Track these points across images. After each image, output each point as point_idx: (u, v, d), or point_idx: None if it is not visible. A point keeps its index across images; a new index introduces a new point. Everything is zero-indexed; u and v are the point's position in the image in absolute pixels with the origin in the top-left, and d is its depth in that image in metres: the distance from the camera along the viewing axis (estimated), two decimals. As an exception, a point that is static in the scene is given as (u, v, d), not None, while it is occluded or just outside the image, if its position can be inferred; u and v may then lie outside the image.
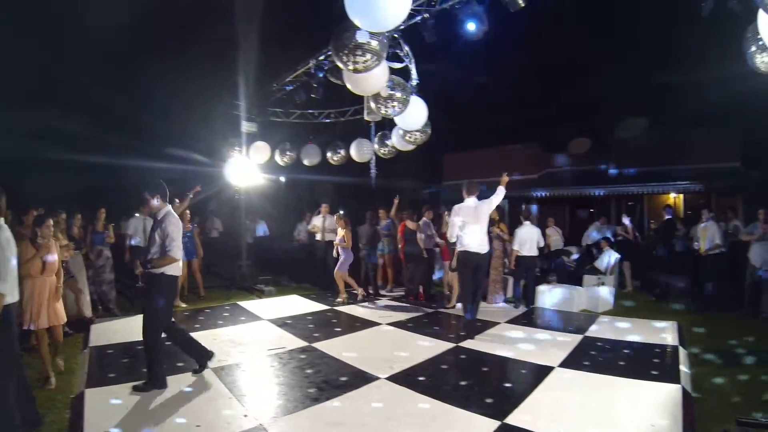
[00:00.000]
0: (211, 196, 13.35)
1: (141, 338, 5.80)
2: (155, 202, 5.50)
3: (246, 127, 12.10)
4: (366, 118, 10.47)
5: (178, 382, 5.58)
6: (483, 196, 7.92)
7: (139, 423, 4.52)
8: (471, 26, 8.03)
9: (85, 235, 9.09)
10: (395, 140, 10.66)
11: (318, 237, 11.85)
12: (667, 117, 16.58)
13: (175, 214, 5.54)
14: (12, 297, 4.04)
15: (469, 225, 7.65)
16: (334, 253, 10.60)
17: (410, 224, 10.38)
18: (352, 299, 10.49)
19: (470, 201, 7.81)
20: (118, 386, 5.44)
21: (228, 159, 12.37)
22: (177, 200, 7.57)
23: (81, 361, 6.50)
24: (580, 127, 19.13)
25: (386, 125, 11.31)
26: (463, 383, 5.54)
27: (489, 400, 4.98)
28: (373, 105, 8.61)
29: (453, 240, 7.92)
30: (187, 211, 10.06)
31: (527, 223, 10.10)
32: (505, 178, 7.90)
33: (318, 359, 6.45)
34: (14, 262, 4.06)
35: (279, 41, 12.65)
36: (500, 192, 7.74)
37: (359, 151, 12.22)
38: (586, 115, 19.30)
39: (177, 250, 5.30)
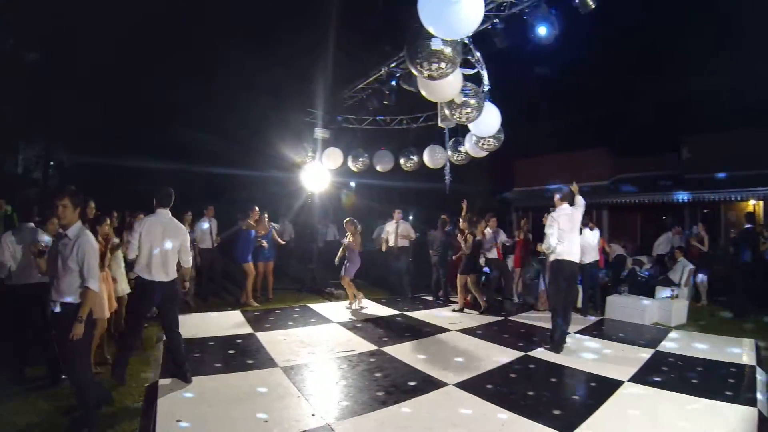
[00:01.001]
0: (284, 200, 13.69)
1: (211, 335, 6.20)
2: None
3: (319, 133, 12.31)
4: (440, 124, 10.40)
5: (248, 379, 5.73)
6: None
7: (209, 415, 4.68)
8: (542, 30, 7.87)
9: None
10: (468, 147, 10.56)
11: (390, 242, 11.91)
12: (746, 118, 15.63)
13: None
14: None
15: (566, 233, 7.39)
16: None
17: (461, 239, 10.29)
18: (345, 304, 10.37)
19: (566, 208, 7.54)
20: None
21: (301, 165, 12.63)
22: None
23: (155, 354, 6.82)
24: (652, 130, 18.41)
25: (459, 131, 11.24)
26: (530, 393, 5.39)
27: (556, 412, 4.83)
28: (447, 112, 8.57)
29: (549, 251, 7.71)
30: (266, 215, 10.42)
31: (587, 229, 9.77)
32: (575, 187, 7.69)
33: (387, 363, 6.46)
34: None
35: (351, 49, 12.85)
36: (581, 201, 7.54)
37: (432, 157, 12.17)
38: (659, 117, 18.56)
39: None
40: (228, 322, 8.61)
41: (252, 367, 6.21)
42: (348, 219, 10.48)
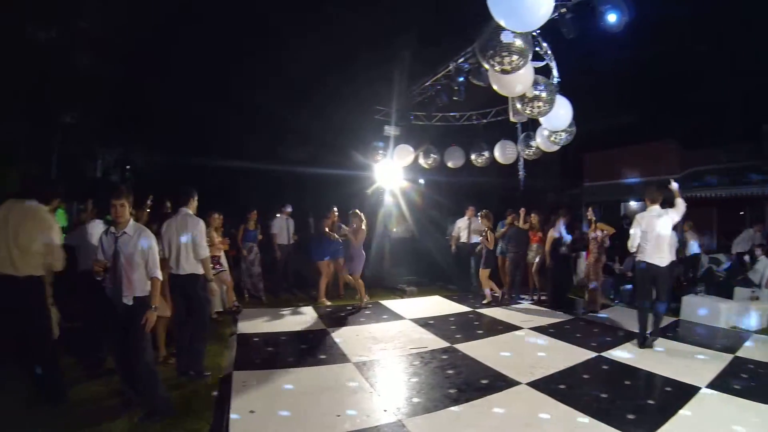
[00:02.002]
0: (356, 197, 13.80)
1: (284, 330, 6.36)
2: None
3: (389, 130, 12.35)
4: (512, 119, 10.21)
5: (320, 374, 5.85)
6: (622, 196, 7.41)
7: (281, 408, 4.78)
8: (612, 17, 7.57)
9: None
10: (540, 141, 10.32)
11: (462, 239, 11.81)
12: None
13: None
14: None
15: (650, 235, 7.13)
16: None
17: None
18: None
19: (654, 209, 7.23)
20: (262, 371, 5.85)
21: (373, 162, 12.73)
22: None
23: (228, 346, 7.04)
24: (729, 119, 17.30)
25: (530, 126, 11.01)
26: (603, 395, 5.19)
27: (630, 416, 4.62)
28: (518, 106, 8.41)
29: (633, 250, 7.45)
30: (335, 212, 10.58)
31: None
32: (674, 186, 7.25)
33: (459, 360, 6.41)
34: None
35: (418, 45, 12.81)
36: (680, 204, 7.13)
37: (503, 152, 11.97)
38: (736, 105, 17.41)
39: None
40: (301, 318, 8.80)
41: (324, 362, 6.32)
42: (353, 211, 10.25)
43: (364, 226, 9.89)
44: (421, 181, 14.12)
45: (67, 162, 16.05)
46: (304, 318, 8.83)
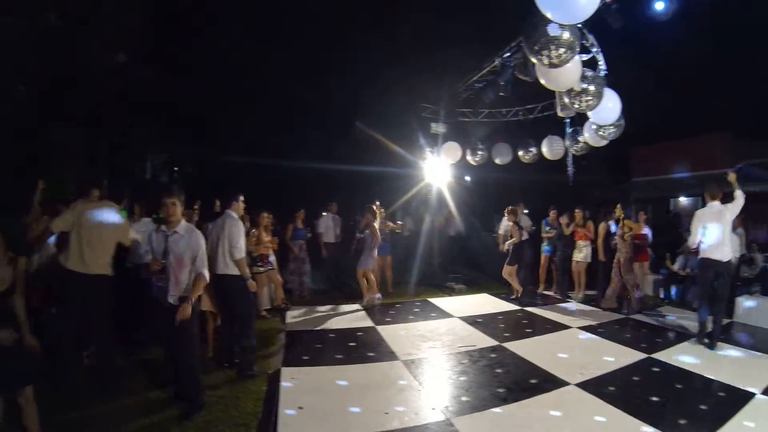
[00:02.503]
0: (404, 195, 13.82)
1: (333, 327, 6.44)
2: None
3: (436, 128, 12.32)
4: (559, 114, 10.03)
5: (369, 371, 5.90)
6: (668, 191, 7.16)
7: (329, 404, 4.88)
8: (659, 5, 7.35)
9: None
10: (588, 136, 10.10)
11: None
12: None
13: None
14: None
15: (711, 231, 6.95)
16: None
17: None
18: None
19: (714, 205, 7.07)
20: (310, 368, 5.99)
21: (420, 160, 12.73)
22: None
23: (277, 342, 7.16)
24: None
25: (577, 120, 10.80)
26: (654, 399, 5.04)
27: (682, 422, 4.50)
28: (566, 100, 8.27)
29: (693, 247, 7.26)
30: (382, 210, 10.63)
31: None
32: (733, 177, 7.03)
33: (508, 359, 6.38)
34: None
35: (463, 41, 12.73)
36: (739, 196, 6.91)
37: (551, 148, 11.79)
38: None
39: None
40: (349, 316, 8.91)
41: (373, 359, 6.37)
42: (368, 206, 10.22)
43: (377, 223, 9.86)
44: (467, 178, 13.98)
45: (118, 165, 16.60)
46: (352, 315, 8.92)
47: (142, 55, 15.65)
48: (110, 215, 5.39)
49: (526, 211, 11.42)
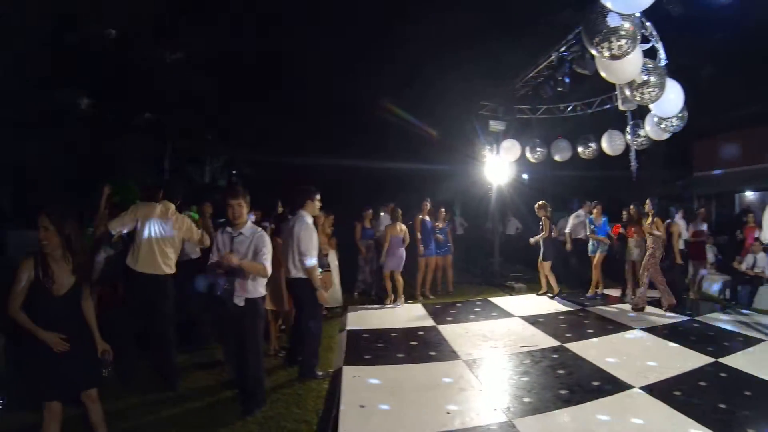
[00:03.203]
0: (462, 194, 13.82)
1: (394, 326, 6.63)
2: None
3: (494, 125, 12.24)
4: (620, 107, 9.76)
5: (430, 371, 5.96)
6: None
7: (391, 403, 4.97)
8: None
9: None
10: (649, 129, 9.78)
11: (578, 235, 11.42)
12: None
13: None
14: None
15: None
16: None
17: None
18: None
19: None
20: (372, 367, 6.09)
21: (479, 158, 12.69)
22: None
23: (338, 342, 7.34)
24: None
25: (637, 114, 10.51)
26: (722, 406, 4.81)
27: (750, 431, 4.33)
28: (627, 93, 8.08)
29: (766, 242, 6.97)
30: (443, 210, 10.78)
31: None
32: None
33: (570, 360, 6.31)
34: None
35: (519, 37, 12.61)
36: None
37: (611, 143, 11.49)
38: None
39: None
40: (409, 314, 9.00)
41: (434, 359, 6.44)
42: (390, 206, 10.26)
43: (399, 225, 9.85)
44: (525, 176, 13.78)
45: (178, 169, 17.21)
46: (413, 314, 9.01)
47: (199, 60, 16.22)
48: (171, 216, 5.68)
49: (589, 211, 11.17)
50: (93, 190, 5.97)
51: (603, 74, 7.64)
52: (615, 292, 10.65)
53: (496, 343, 7.14)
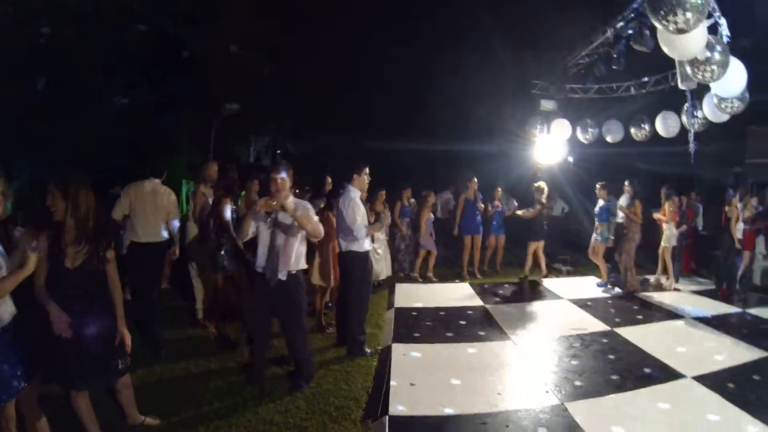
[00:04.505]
0: (511, 174, 13.71)
1: (442, 305, 6.89)
2: None
3: (545, 104, 12.08)
4: (681, 85, 9.33)
5: (480, 350, 6.06)
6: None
7: (441, 382, 5.05)
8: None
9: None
10: (707, 110, 9.42)
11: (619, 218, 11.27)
12: None
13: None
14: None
15: None
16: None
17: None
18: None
19: None
20: (421, 345, 6.18)
21: (529, 138, 12.57)
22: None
23: (387, 319, 7.44)
24: None
25: (695, 94, 10.17)
26: None
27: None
28: (688, 70, 7.83)
29: None
30: (498, 190, 10.88)
31: None
32: None
33: (620, 346, 6.29)
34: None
35: (574, 13, 12.32)
36: None
37: (665, 125, 11.07)
38: None
39: None
40: (457, 293, 9.06)
41: (484, 338, 6.52)
42: (426, 193, 10.26)
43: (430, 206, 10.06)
44: (570, 159, 13.48)
45: (224, 149, 17.54)
46: (461, 293, 9.08)
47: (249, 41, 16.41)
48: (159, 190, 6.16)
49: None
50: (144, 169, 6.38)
51: (665, 49, 7.40)
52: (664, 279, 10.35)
53: (546, 324, 7.24)
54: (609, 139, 12.26)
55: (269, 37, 16.53)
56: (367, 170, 6.04)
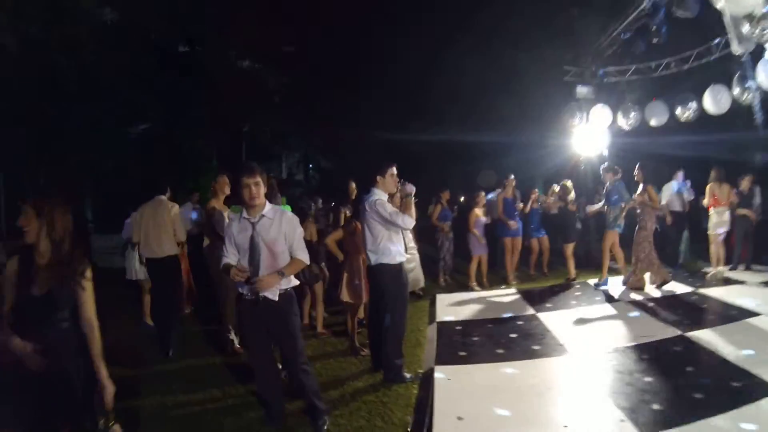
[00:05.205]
0: (547, 167, 13.09)
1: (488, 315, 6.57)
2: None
3: (581, 91, 11.36)
4: (735, 49, 8.34)
5: (538, 369, 5.33)
6: None
7: (495, 413, 4.33)
8: None
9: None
10: (763, 77, 8.51)
11: (676, 207, 10.55)
12: None
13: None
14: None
15: None
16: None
17: None
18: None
19: None
20: (468, 366, 5.50)
21: (565, 128, 11.86)
22: None
23: (428, 336, 6.78)
24: None
25: (748, 63, 9.24)
26: None
27: None
28: (745, 29, 7.02)
29: None
30: (535, 191, 10.27)
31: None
32: None
33: (695, 354, 5.49)
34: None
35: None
36: None
37: (715, 100, 10.03)
38: None
39: None
40: (504, 301, 8.42)
41: (539, 354, 5.81)
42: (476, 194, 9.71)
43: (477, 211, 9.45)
44: (605, 152, 12.47)
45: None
46: (508, 300, 8.42)
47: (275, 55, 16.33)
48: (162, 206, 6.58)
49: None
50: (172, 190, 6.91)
51: (719, 5, 6.70)
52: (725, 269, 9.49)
53: (606, 333, 6.44)
54: (653, 122, 11.36)
55: (286, 46, 16.40)
56: (393, 171, 5.36)
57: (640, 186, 8.64)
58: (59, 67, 11.66)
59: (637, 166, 8.73)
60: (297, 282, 4.32)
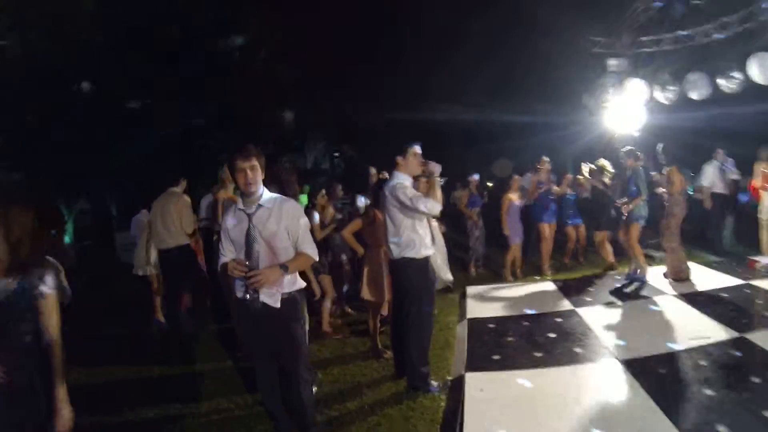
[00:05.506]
0: (573, 148, 12.52)
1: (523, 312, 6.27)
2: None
3: (612, 64, 10.70)
4: None
5: (578, 377, 4.78)
6: None
7: (529, 427, 3.89)
8: None
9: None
10: None
11: (717, 189, 9.91)
12: None
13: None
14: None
15: None
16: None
17: None
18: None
19: None
20: (503, 373, 4.99)
21: (598, 105, 11.20)
22: None
23: (458, 335, 6.31)
24: None
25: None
26: None
27: None
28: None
29: None
30: (569, 176, 9.78)
31: None
32: None
33: (758, 358, 4.85)
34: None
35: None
36: None
37: (762, 67, 9.30)
38: None
39: None
40: (541, 295, 7.83)
41: (582, 358, 5.23)
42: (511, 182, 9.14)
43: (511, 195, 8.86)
44: (636, 134, 11.72)
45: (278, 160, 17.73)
46: (544, 294, 7.85)
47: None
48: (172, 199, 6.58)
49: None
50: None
51: None
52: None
53: (655, 333, 5.76)
54: (694, 95, 10.52)
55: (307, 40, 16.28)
56: (416, 150, 4.82)
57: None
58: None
59: (657, 146, 8.27)
60: (304, 284, 3.81)
